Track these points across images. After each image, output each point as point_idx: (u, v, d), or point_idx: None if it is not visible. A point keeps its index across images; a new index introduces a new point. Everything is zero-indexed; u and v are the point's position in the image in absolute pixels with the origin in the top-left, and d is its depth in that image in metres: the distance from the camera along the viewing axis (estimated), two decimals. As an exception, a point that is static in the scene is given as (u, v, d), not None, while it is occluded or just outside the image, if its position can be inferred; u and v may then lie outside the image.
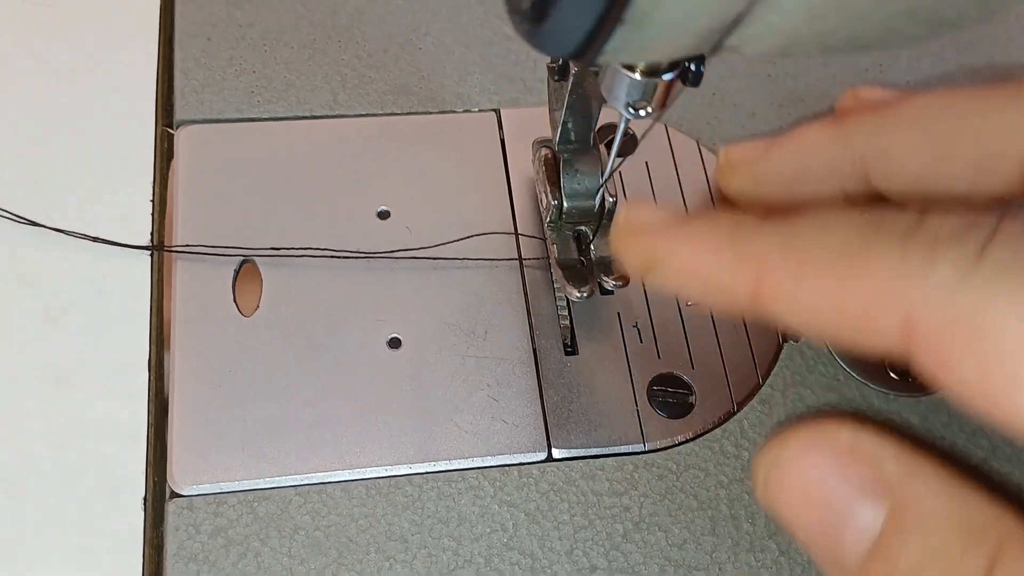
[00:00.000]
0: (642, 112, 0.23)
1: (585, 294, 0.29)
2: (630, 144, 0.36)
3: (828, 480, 0.20)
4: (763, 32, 0.18)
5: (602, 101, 0.29)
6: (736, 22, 0.17)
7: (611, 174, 0.29)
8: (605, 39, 0.17)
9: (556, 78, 0.29)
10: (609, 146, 0.33)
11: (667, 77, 0.22)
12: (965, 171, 0.24)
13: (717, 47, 0.18)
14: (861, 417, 0.21)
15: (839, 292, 0.19)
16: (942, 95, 0.25)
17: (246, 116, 0.36)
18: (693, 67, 0.22)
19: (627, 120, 0.25)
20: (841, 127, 0.26)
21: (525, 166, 0.35)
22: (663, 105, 0.23)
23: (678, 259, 0.22)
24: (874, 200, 0.25)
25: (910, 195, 0.25)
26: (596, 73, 0.26)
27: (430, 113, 0.36)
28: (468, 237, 0.33)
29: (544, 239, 0.33)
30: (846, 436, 0.20)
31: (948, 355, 0.17)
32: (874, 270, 0.18)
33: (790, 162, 0.27)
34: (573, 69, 0.27)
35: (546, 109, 0.33)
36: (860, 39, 0.18)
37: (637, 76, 0.22)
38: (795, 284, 0.20)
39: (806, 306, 0.20)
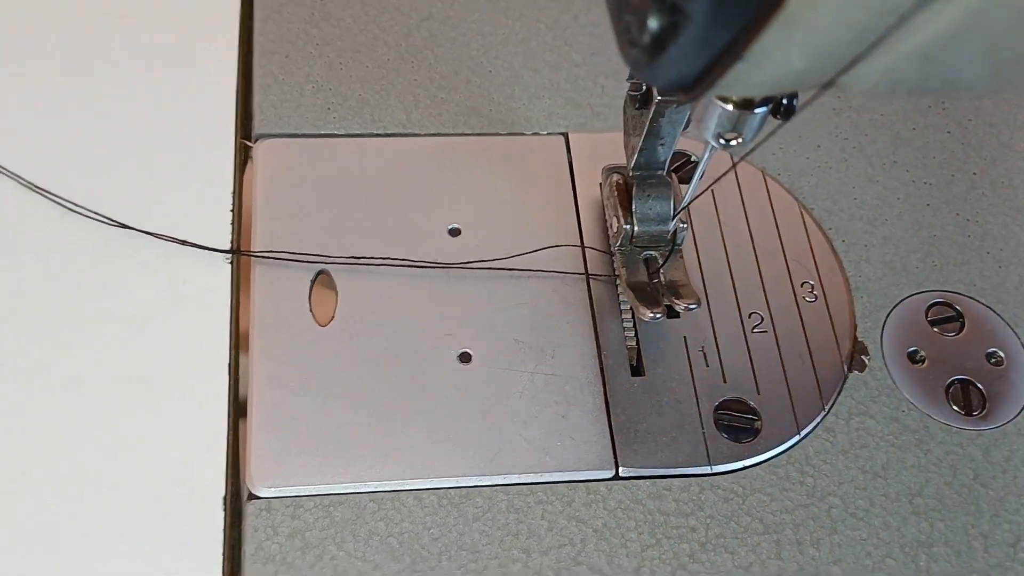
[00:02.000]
0: (732, 143, 0.24)
1: (658, 315, 0.29)
2: (694, 168, 0.36)
3: None
4: (872, 71, 0.18)
5: (685, 129, 0.29)
6: (854, 62, 0.17)
7: (690, 201, 0.30)
8: (720, 75, 0.18)
9: (637, 106, 0.29)
10: (679, 172, 0.34)
11: (760, 111, 0.23)
12: None
13: (827, 85, 0.19)
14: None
15: None
16: None
17: (322, 132, 0.37)
18: (786, 101, 0.23)
19: (712, 149, 0.26)
20: None
21: (593, 189, 0.36)
22: (751, 137, 0.24)
23: None
24: None
25: None
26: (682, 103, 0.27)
27: (500, 135, 0.37)
28: (539, 249, 0.34)
29: (612, 255, 0.33)
30: None
31: None
32: None
33: None
34: (656, 98, 0.28)
35: (613, 135, 0.34)
36: (964, 83, 0.19)
37: (730, 108, 0.23)
38: None
39: None
